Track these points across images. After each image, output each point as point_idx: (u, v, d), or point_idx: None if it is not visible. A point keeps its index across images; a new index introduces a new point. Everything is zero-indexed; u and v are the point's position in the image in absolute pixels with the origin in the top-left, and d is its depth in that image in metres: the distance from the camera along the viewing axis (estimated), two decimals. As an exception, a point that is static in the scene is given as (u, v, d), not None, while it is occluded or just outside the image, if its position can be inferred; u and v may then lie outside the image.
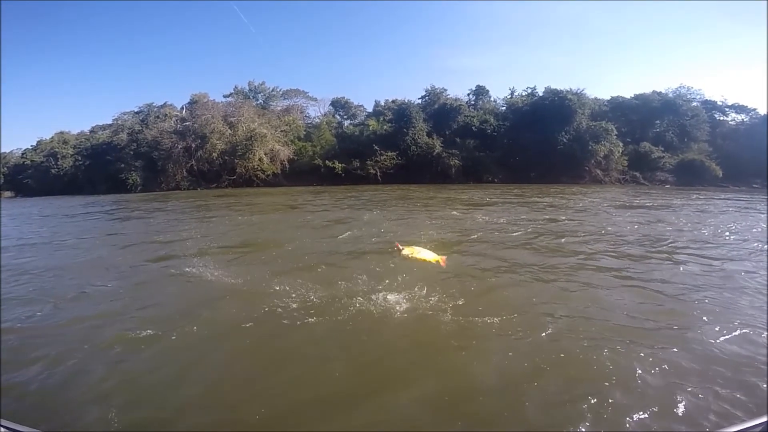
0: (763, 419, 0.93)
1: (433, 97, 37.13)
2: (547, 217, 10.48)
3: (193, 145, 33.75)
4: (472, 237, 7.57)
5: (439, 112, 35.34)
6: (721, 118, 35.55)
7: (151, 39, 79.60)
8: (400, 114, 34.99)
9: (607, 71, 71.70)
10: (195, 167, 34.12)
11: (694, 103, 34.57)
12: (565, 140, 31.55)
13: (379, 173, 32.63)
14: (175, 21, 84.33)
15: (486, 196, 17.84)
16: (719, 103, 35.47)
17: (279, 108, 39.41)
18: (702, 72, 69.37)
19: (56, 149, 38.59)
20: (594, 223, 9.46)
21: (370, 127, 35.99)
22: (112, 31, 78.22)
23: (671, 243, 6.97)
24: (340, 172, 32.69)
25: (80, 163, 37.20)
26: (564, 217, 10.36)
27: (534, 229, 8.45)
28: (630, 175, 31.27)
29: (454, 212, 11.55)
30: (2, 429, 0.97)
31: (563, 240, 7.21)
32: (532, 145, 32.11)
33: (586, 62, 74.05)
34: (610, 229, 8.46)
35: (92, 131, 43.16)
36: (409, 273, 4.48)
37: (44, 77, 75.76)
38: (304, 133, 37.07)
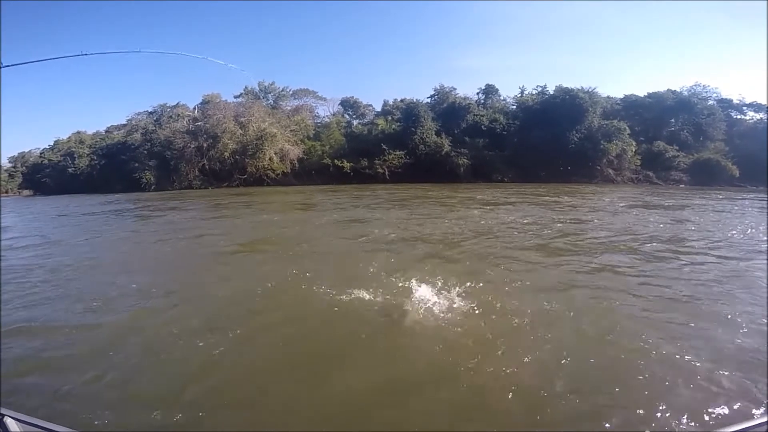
0: (764, 419, 0.94)
1: (442, 96, 37.04)
2: (570, 216, 10.42)
3: (205, 145, 34.21)
4: (501, 236, 7.58)
5: (448, 111, 35.23)
6: (738, 117, 34.73)
7: (163, 39, 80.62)
8: (408, 113, 35.01)
9: (620, 70, 70.75)
10: (207, 166, 34.59)
11: (710, 102, 33.86)
12: (576, 139, 31.23)
13: (387, 172, 32.70)
14: (185, 21, 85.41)
15: (501, 195, 17.75)
16: (736, 102, 34.67)
17: (289, 108, 39.72)
18: (719, 70, 68.01)
19: (73, 149, 39.45)
20: (618, 222, 9.39)
21: (379, 127, 36.06)
22: (123, 32, 79.42)
23: (703, 243, 6.89)
24: (348, 171, 32.86)
25: (96, 162, 37.99)
26: (587, 217, 10.30)
27: (560, 228, 8.42)
28: (643, 175, 30.78)
29: (476, 211, 11.56)
30: (10, 420, 0.95)
31: (588, 240, 7.19)
32: (543, 144, 31.82)
33: (597, 61, 73.11)
34: (637, 229, 8.40)
35: (107, 131, 44.06)
36: (442, 272, 4.52)
37: (61, 77, 77.32)
38: (314, 132, 37.31)
